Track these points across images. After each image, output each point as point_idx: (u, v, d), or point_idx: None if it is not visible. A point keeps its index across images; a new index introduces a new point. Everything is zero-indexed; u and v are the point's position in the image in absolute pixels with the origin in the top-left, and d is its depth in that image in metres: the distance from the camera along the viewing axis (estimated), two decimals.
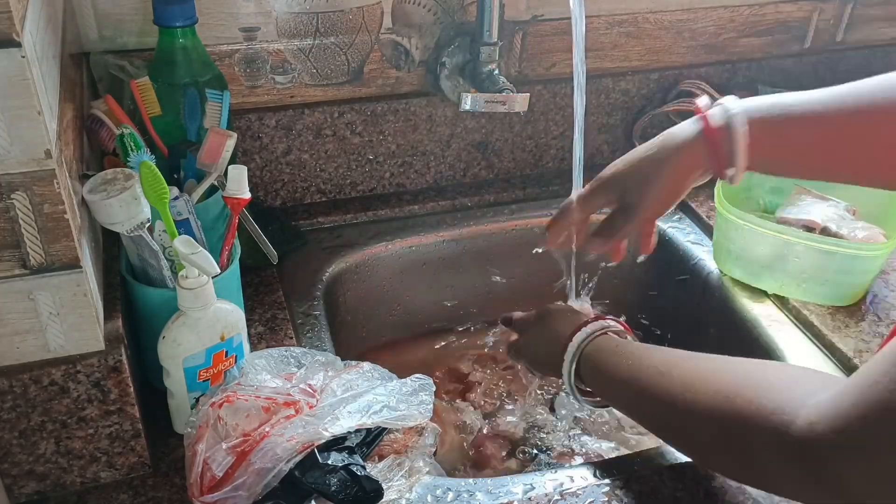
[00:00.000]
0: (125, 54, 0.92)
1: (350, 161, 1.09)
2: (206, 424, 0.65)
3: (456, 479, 0.74)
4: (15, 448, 0.67)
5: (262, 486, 0.61)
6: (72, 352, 0.65)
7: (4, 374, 0.64)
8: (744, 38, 1.19)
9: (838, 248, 0.90)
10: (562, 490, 0.72)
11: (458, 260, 1.11)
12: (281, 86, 1.02)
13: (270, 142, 1.04)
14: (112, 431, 0.70)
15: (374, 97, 1.07)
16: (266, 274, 0.97)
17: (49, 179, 0.58)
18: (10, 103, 0.54)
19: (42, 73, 0.59)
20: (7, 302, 0.61)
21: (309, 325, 0.92)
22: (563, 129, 1.16)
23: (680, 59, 1.18)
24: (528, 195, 1.15)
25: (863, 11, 1.23)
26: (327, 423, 0.64)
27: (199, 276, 0.70)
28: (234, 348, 0.75)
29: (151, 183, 0.70)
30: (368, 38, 1.02)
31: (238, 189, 0.77)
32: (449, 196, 1.13)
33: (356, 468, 0.64)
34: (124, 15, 0.92)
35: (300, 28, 0.99)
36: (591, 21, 1.09)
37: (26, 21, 0.56)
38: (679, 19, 1.15)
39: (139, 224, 0.71)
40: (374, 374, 0.73)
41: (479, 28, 1.00)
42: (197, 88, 0.84)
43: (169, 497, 0.72)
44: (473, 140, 1.14)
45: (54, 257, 0.61)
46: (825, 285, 0.93)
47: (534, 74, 1.12)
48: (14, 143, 0.55)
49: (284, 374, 0.71)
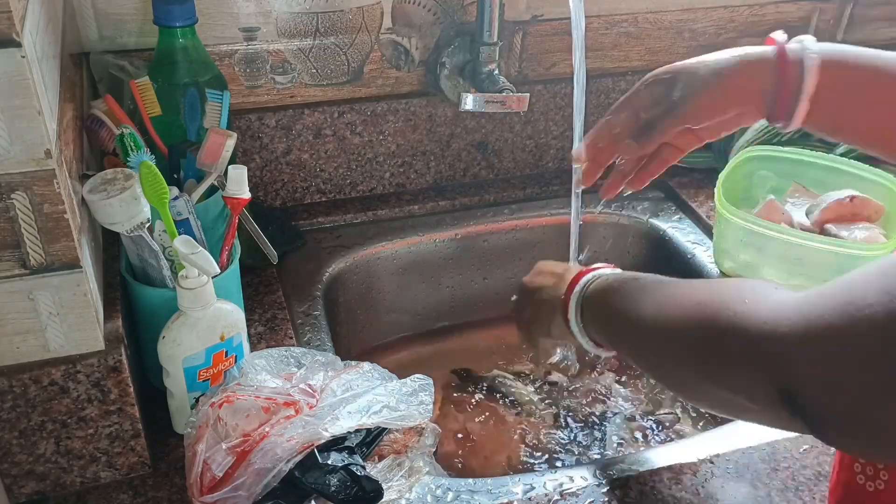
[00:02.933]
0: (125, 54, 0.92)
1: (350, 161, 1.09)
2: (206, 424, 0.65)
3: (456, 479, 0.74)
4: (15, 448, 0.67)
5: (262, 486, 0.61)
6: (72, 352, 0.65)
7: (4, 374, 0.64)
8: (744, 38, 1.19)
9: (838, 248, 0.90)
10: (562, 490, 0.72)
11: (458, 260, 1.11)
12: (281, 86, 1.02)
13: (270, 142, 1.04)
14: (112, 431, 0.70)
15: (374, 97, 1.07)
16: (266, 274, 0.97)
17: (49, 179, 0.58)
18: (10, 103, 0.54)
19: (42, 73, 0.59)
20: (7, 302, 0.61)
21: (309, 325, 0.92)
22: (563, 129, 1.16)
23: (680, 59, 1.17)
24: (528, 195, 1.15)
25: (863, 11, 1.23)
26: (327, 423, 0.64)
27: (199, 276, 0.70)
28: (234, 348, 0.75)
29: (151, 183, 0.70)
30: (368, 38, 1.02)
31: (238, 189, 0.77)
32: (449, 196, 1.13)
33: (356, 468, 0.64)
34: (124, 15, 0.92)
35: (300, 28, 0.99)
36: (591, 21, 1.09)
37: (26, 21, 0.56)
38: (679, 19, 1.15)
39: (139, 224, 0.71)
40: (374, 374, 0.73)
41: (479, 28, 1.00)
42: (197, 88, 0.84)
43: (169, 497, 0.72)
44: (473, 140, 1.14)
45: (54, 257, 0.61)
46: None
47: (534, 74, 1.12)
48: (14, 143, 0.55)
49: (284, 374, 0.71)
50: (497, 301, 1.12)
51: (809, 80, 0.67)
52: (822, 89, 0.67)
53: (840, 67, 0.67)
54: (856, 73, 0.67)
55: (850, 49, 0.68)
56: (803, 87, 0.67)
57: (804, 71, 0.67)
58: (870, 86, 0.67)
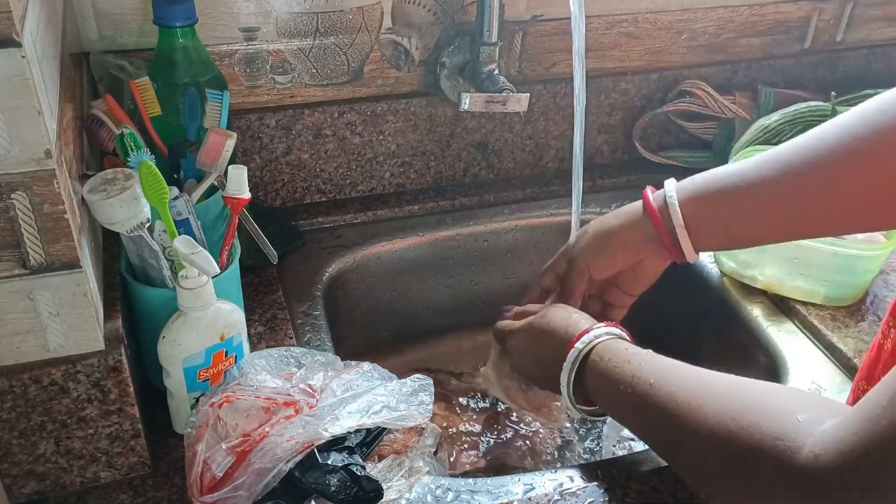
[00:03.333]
0: (125, 54, 0.92)
1: (350, 161, 1.09)
2: (206, 424, 0.65)
3: (456, 479, 0.74)
4: (15, 448, 0.67)
5: (261, 486, 0.61)
6: (72, 352, 0.65)
7: (4, 374, 0.64)
8: (744, 38, 1.19)
9: (838, 248, 0.90)
10: (562, 490, 0.72)
11: (458, 260, 1.11)
12: (281, 86, 1.02)
13: (270, 142, 1.04)
14: (112, 431, 0.70)
15: (374, 97, 1.07)
16: (266, 274, 0.97)
17: (49, 179, 0.58)
18: (10, 103, 0.54)
19: (42, 73, 0.59)
20: (7, 302, 0.61)
21: (309, 325, 0.92)
22: (563, 129, 1.16)
23: (680, 59, 1.18)
24: (528, 195, 1.15)
25: (863, 11, 1.23)
26: (327, 423, 0.64)
27: (199, 276, 0.70)
28: (233, 348, 0.75)
29: (151, 183, 0.70)
30: (368, 38, 1.02)
31: (238, 189, 0.77)
32: (449, 196, 1.13)
33: (356, 468, 0.64)
34: (124, 15, 0.92)
35: (300, 28, 0.99)
36: (591, 21, 1.09)
37: (26, 21, 0.56)
38: (679, 19, 1.15)
39: (139, 224, 0.71)
40: (374, 374, 0.72)
41: (479, 28, 1.00)
42: (197, 88, 0.84)
43: (169, 497, 0.72)
44: (473, 140, 1.14)
45: (54, 257, 0.61)
46: (825, 285, 0.93)
47: (534, 74, 1.12)
48: (14, 143, 0.55)
49: (284, 374, 0.71)
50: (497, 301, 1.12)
51: (675, 217, 0.74)
52: (690, 218, 0.74)
53: (698, 193, 0.74)
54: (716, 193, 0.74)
55: (706, 176, 0.75)
56: (673, 222, 0.74)
57: (669, 209, 0.74)
58: (733, 199, 0.73)
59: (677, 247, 0.75)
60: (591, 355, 0.71)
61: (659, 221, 0.76)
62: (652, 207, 0.76)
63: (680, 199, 0.75)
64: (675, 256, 0.77)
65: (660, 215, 0.76)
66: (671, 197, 0.75)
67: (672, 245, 0.76)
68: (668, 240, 0.76)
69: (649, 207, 0.77)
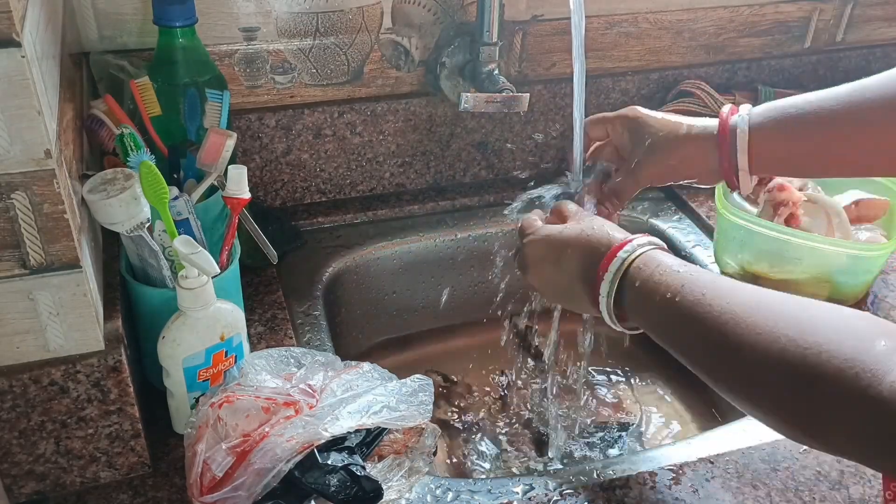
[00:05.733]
0: (125, 54, 0.92)
1: (350, 161, 1.09)
2: (206, 424, 0.65)
3: (456, 479, 0.74)
4: (15, 448, 0.67)
5: (261, 486, 0.61)
6: (72, 352, 0.65)
7: (4, 374, 0.64)
8: (744, 38, 1.19)
9: (839, 249, 0.90)
10: (562, 490, 0.72)
11: (458, 260, 1.11)
12: (281, 86, 1.02)
13: (270, 142, 1.04)
14: (112, 431, 0.70)
15: (374, 97, 1.07)
16: (266, 274, 0.97)
17: (49, 179, 0.58)
18: (10, 103, 0.54)
19: (42, 73, 0.59)
20: (7, 302, 0.61)
21: (309, 325, 0.92)
22: (563, 129, 1.16)
23: (680, 59, 1.18)
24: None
25: (863, 11, 1.23)
26: (327, 423, 0.64)
27: (199, 276, 0.70)
28: (233, 348, 0.75)
29: (151, 183, 0.70)
30: (368, 38, 1.02)
31: (238, 189, 0.77)
32: (449, 196, 1.13)
33: (356, 468, 0.64)
34: (124, 15, 0.92)
35: (300, 28, 0.99)
36: (590, 21, 1.09)
37: (26, 21, 0.56)
38: (679, 19, 1.15)
39: (139, 224, 0.71)
40: (374, 374, 0.72)
41: (479, 28, 1.00)
42: (197, 88, 0.84)
43: (169, 497, 0.72)
44: (473, 140, 1.14)
45: (54, 257, 0.61)
46: (826, 285, 0.93)
47: (534, 74, 1.12)
48: (14, 142, 0.55)
49: (284, 375, 0.71)
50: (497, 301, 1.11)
51: (742, 158, 0.76)
52: (755, 158, 0.76)
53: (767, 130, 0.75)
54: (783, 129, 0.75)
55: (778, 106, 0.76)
56: (738, 163, 0.76)
57: (736, 148, 0.76)
58: (798, 136, 0.74)
59: (734, 179, 0.78)
60: (634, 264, 0.66)
61: (726, 154, 0.77)
62: (724, 136, 0.77)
63: (752, 125, 0.76)
64: (731, 186, 0.79)
65: (728, 146, 0.77)
66: (743, 131, 0.75)
67: (731, 176, 0.78)
68: (728, 170, 0.77)
69: (721, 135, 0.77)
